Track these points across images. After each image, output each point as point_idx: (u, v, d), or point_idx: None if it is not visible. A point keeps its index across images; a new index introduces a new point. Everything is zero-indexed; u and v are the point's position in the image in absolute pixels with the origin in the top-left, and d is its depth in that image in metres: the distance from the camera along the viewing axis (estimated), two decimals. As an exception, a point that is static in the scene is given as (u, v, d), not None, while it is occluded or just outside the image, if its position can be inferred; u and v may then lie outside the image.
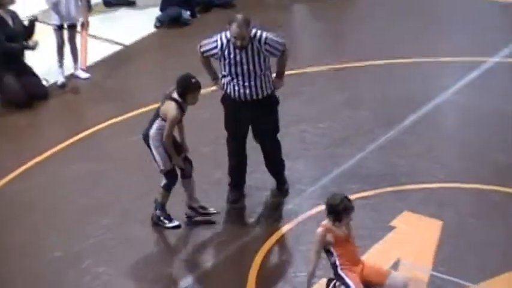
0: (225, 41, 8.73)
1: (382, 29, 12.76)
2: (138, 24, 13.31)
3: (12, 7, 11.48)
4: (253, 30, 8.68)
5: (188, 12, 13.30)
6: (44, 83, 11.64)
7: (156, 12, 13.33)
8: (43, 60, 11.90)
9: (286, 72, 9.01)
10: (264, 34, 8.70)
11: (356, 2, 13.90)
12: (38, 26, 11.70)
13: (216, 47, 8.77)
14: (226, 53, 8.73)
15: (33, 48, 11.36)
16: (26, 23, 11.52)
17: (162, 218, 8.91)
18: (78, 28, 11.95)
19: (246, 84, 8.81)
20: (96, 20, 13.48)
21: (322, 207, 8.93)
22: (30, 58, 11.68)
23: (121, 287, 8.32)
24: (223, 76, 8.91)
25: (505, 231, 8.66)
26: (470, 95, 11.01)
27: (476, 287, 7.92)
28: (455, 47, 12.11)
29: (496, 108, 10.64)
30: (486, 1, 13.31)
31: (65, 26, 11.76)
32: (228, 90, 8.91)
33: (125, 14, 13.72)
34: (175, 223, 8.90)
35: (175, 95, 8.64)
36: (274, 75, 9.01)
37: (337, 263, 7.56)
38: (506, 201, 9.07)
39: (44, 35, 12.30)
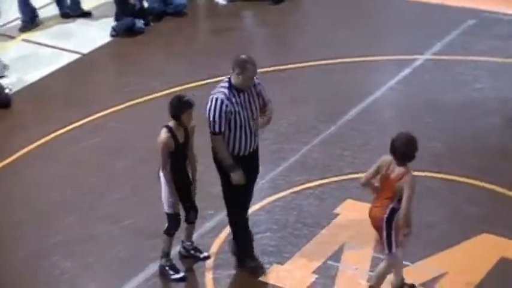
0: (226, 91, 7.65)
1: (323, 32, 12.80)
2: (94, 34, 13.26)
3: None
4: None
5: (142, 21, 13.23)
6: (7, 91, 11.58)
7: (111, 22, 13.27)
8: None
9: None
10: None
11: (298, 8, 13.91)
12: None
13: (227, 105, 7.58)
14: (234, 101, 7.66)
15: None
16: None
17: (166, 268, 8.17)
18: None
19: (253, 130, 7.82)
20: (54, 30, 13.50)
21: (271, 198, 9.16)
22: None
23: (87, 280, 8.31)
24: (227, 133, 7.75)
25: (440, 214, 8.80)
26: (404, 90, 11.13)
27: (414, 266, 8.06)
28: (389, 46, 12.22)
29: (427, 101, 10.77)
30: (416, 3, 13.38)
31: None
32: (236, 148, 7.80)
33: (81, 25, 13.64)
34: (181, 274, 8.14)
35: (168, 123, 7.92)
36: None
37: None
38: (440, 186, 9.21)
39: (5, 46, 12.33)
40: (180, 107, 7.81)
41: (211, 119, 7.66)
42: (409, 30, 12.64)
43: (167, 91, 11.38)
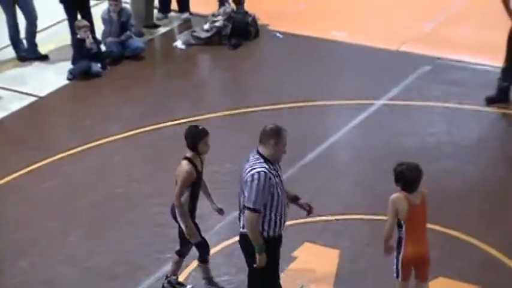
0: (265, 164, 7.26)
1: (280, 77, 12.90)
2: (51, 77, 13.20)
3: None
4: None
5: (98, 65, 13.25)
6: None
7: (68, 65, 13.25)
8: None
9: (196, 117, 8.83)
10: None
11: (255, 53, 14.01)
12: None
13: (271, 178, 7.23)
14: (273, 174, 7.32)
15: None
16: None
17: None
18: None
19: (286, 203, 7.53)
20: (11, 74, 13.46)
21: (230, 241, 9.18)
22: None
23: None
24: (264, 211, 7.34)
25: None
26: (360, 134, 11.26)
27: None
28: (346, 91, 12.34)
29: (383, 145, 10.90)
30: (373, 49, 13.53)
31: None
32: (272, 227, 7.43)
33: (38, 68, 13.61)
34: None
35: (186, 154, 8.09)
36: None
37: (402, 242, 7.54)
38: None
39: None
40: (197, 135, 8.04)
41: (254, 195, 7.20)
42: (366, 75, 12.78)
43: (124, 134, 11.42)
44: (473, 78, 12.57)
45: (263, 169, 7.24)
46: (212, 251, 8.90)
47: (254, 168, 7.26)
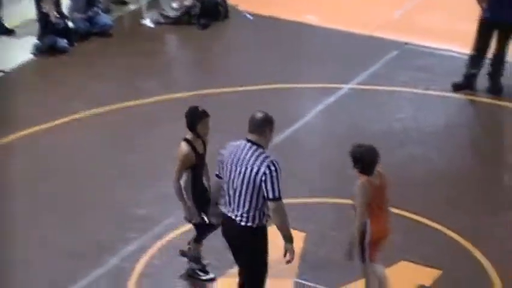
0: (268, 153, 7.29)
1: (248, 58, 12.93)
2: (17, 52, 13.09)
3: None
4: None
5: (65, 40, 13.13)
6: None
7: (34, 40, 13.12)
8: None
9: (163, 97, 8.76)
10: None
11: (224, 34, 14.00)
12: None
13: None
14: None
15: None
16: None
17: (197, 271, 8.39)
18: None
19: None
20: (-25, 48, 13.37)
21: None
22: None
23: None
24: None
25: (361, 241, 9.00)
26: (328, 118, 11.33)
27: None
28: (314, 74, 12.39)
29: (350, 129, 10.97)
30: (342, 33, 13.61)
31: None
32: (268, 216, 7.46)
33: (4, 43, 13.46)
34: (211, 276, 8.40)
35: (186, 136, 8.01)
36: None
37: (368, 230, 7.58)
38: (362, 214, 9.41)
39: None
40: (195, 117, 7.91)
41: (275, 184, 7.17)
42: (335, 59, 12.83)
43: (89, 112, 11.35)
44: (440, 65, 12.68)
45: (272, 156, 7.21)
46: (184, 229, 8.85)
47: (265, 160, 7.17)
